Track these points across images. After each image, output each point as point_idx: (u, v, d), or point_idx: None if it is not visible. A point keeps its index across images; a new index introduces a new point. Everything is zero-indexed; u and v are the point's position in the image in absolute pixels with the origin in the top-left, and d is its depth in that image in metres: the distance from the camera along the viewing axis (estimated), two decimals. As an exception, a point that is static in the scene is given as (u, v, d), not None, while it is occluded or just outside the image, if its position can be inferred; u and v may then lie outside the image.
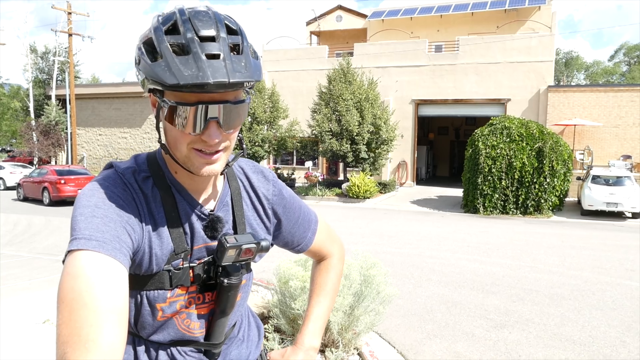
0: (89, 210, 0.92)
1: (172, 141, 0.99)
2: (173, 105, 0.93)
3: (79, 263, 0.84)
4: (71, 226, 0.92)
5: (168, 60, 0.90)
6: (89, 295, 0.81)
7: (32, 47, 39.89)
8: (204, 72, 0.89)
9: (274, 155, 22.62)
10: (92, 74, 63.55)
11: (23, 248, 9.22)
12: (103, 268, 0.84)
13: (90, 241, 0.87)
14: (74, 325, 0.78)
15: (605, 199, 14.38)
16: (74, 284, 0.82)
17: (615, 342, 4.86)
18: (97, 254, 0.86)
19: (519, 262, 8.40)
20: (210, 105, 0.93)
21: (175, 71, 0.89)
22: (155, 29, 0.95)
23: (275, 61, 25.00)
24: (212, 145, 0.97)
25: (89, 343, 0.77)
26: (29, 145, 31.91)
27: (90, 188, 0.98)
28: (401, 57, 23.24)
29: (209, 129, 0.95)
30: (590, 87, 21.77)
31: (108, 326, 0.80)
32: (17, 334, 4.54)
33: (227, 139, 1.00)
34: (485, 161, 15.22)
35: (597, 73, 51.83)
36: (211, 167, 1.00)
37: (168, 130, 1.00)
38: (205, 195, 1.11)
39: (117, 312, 0.82)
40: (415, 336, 4.96)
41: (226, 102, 0.95)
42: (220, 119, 0.95)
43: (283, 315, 4.02)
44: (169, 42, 0.92)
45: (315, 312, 1.36)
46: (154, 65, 0.92)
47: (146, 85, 0.97)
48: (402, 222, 13.22)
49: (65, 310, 0.80)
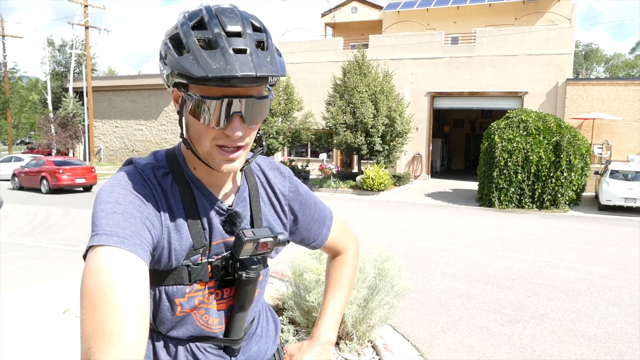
0: (110, 206, 0.94)
1: (196, 136, 1.01)
2: (198, 99, 0.95)
3: (101, 259, 0.86)
4: (92, 222, 0.93)
5: (195, 54, 0.92)
6: (112, 291, 0.82)
7: (49, 40, 40.36)
8: (232, 65, 0.90)
9: (289, 147, 22.65)
10: (108, 66, 64.16)
11: (42, 239, 9.38)
12: (125, 264, 0.86)
13: (111, 237, 0.88)
14: (97, 321, 0.80)
15: (624, 194, 14.19)
16: (97, 280, 0.83)
17: (632, 339, 4.82)
18: (118, 250, 0.87)
19: (535, 256, 8.34)
20: (235, 100, 0.95)
21: (203, 64, 0.91)
22: (182, 25, 0.97)
23: (290, 53, 24.97)
24: (235, 140, 0.99)
25: (114, 338, 0.79)
26: (47, 137, 32.33)
27: (110, 184, 1.00)
28: (417, 49, 23.06)
29: (233, 123, 0.97)
30: (610, 80, 21.40)
31: (131, 322, 0.81)
32: (37, 323, 4.64)
33: (248, 134, 1.01)
34: (501, 154, 15.09)
35: (618, 66, 50.93)
36: (231, 164, 1.01)
37: (191, 125, 1.01)
38: (223, 191, 1.13)
39: (140, 308, 0.84)
40: (429, 330, 4.96)
41: (250, 97, 0.97)
42: (243, 113, 0.97)
43: (298, 308, 4.05)
44: (196, 37, 0.94)
45: (331, 307, 1.37)
46: (182, 59, 0.93)
47: (171, 79, 0.98)
48: (416, 215, 13.19)
49: (89, 306, 0.82)
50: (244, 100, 0.96)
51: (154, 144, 32.27)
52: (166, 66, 0.98)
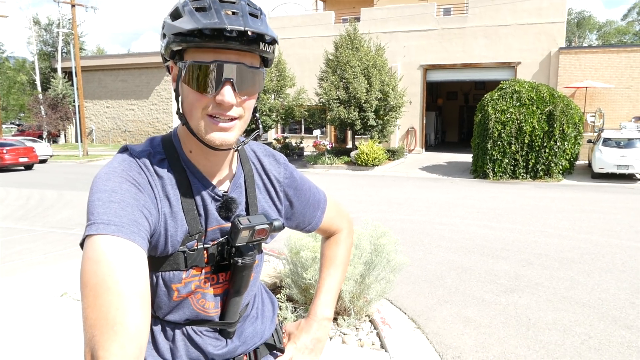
0: (106, 195, 0.93)
1: (188, 108, 1.01)
2: (191, 64, 0.96)
3: (100, 248, 0.86)
4: (88, 210, 0.93)
5: (189, 15, 0.96)
6: (112, 279, 0.82)
7: (35, 19, 39.60)
8: (222, 19, 0.94)
9: (282, 124, 22.55)
10: (97, 45, 63.17)
11: (37, 222, 9.36)
12: (123, 252, 0.86)
13: (109, 226, 0.88)
14: (99, 309, 0.80)
15: (616, 161, 14.28)
16: (97, 269, 0.83)
17: (625, 304, 4.90)
18: (116, 238, 0.87)
19: (529, 226, 8.42)
20: (225, 64, 0.96)
21: (194, 20, 0.95)
22: (179, 2, 1.01)
23: (281, 28, 24.65)
24: (226, 108, 0.99)
25: (117, 326, 0.79)
26: (38, 119, 32.04)
27: (106, 172, 0.99)
28: (409, 21, 22.82)
29: (224, 89, 0.97)
30: (602, 48, 21.32)
31: (133, 309, 0.82)
32: (35, 307, 4.66)
33: (241, 106, 1.01)
34: (495, 126, 15.09)
35: (610, 33, 50.64)
36: (223, 135, 1.00)
37: (185, 96, 1.01)
38: (219, 176, 1.12)
39: (141, 295, 0.84)
40: (425, 302, 5.02)
41: (242, 63, 0.98)
42: (234, 80, 0.98)
43: (295, 285, 4.09)
44: (192, 6, 0.98)
45: (327, 284, 1.38)
46: (178, 22, 0.97)
47: (168, 50, 1.00)
48: (411, 189, 13.23)
49: (90, 295, 0.82)
50: (235, 65, 0.97)
51: (146, 124, 32.04)
52: (164, 39, 1.00)
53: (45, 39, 40.99)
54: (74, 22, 27.18)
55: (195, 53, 0.97)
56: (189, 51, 0.98)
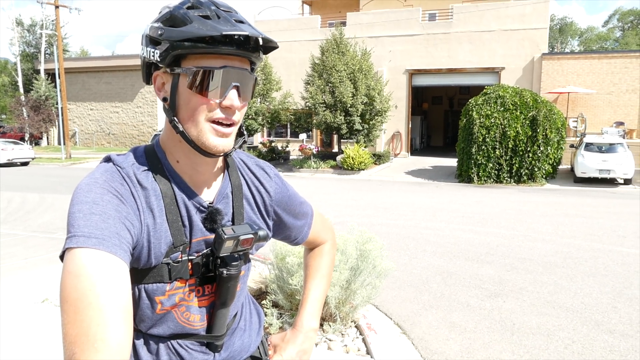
0: (87, 207, 0.91)
1: (189, 114, 1.00)
2: (198, 70, 0.96)
3: (80, 261, 0.83)
4: (68, 222, 0.90)
5: (201, 21, 0.96)
6: (93, 294, 0.81)
7: (17, 19, 39.08)
8: (239, 27, 0.96)
9: (268, 128, 22.51)
10: (81, 46, 62.54)
11: (18, 226, 9.21)
12: (105, 266, 0.84)
13: (89, 239, 0.86)
14: (80, 325, 0.78)
15: (598, 165, 14.49)
16: (77, 283, 0.81)
17: (607, 308, 4.95)
18: (97, 252, 0.85)
19: (513, 231, 8.49)
20: (234, 69, 0.99)
21: (211, 27, 0.95)
22: (176, 8, 1.00)
23: (267, 32, 24.47)
24: (232, 112, 1.01)
25: (98, 342, 0.77)
26: (20, 121, 31.57)
27: (87, 183, 0.97)
28: (394, 26, 22.95)
29: (231, 94, 1.00)
30: (584, 54, 21.66)
31: (115, 324, 0.80)
32: (16, 313, 4.57)
33: (240, 110, 1.04)
34: (480, 131, 15.23)
35: (591, 39, 51.49)
36: (225, 141, 1.02)
37: (186, 102, 1.00)
38: (205, 187, 1.11)
39: (122, 310, 0.82)
40: (411, 307, 5.03)
41: (245, 69, 1.01)
42: (241, 85, 1.01)
43: (281, 291, 4.06)
44: (195, 14, 0.98)
45: (312, 295, 1.38)
46: (186, 28, 0.96)
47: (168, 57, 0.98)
48: (397, 194, 13.28)
49: (70, 310, 0.80)
50: (241, 71, 1.00)
51: (130, 127, 31.75)
52: (159, 45, 0.98)
53: (28, 40, 40.45)
54: (57, 23, 26.87)
55: (201, 59, 0.97)
56: (189, 57, 0.98)
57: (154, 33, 1.00)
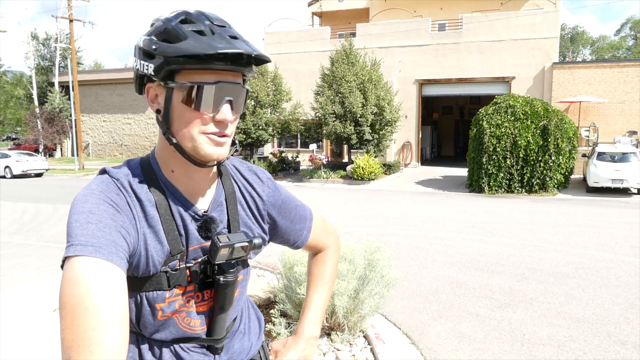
0: (84, 216, 0.94)
1: (183, 127, 1.02)
2: (192, 86, 0.98)
3: (77, 269, 0.86)
4: (67, 232, 0.93)
5: (195, 38, 0.96)
6: (90, 300, 0.83)
7: (33, 34, 39.78)
8: (234, 45, 0.96)
9: (278, 138, 22.59)
10: (94, 59, 63.38)
11: (31, 236, 9.32)
12: (101, 272, 0.86)
13: (86, 247, 0.88)
14: (77, 330, 0.81)
15: (611, 175, 14.34)
16: (74, 290, 0.84)
17: (619, 319, 4.89)
18: (94, 259, 0.87)
19: (524, 241, 8.42)
20: (228, 84, 1.00)
21: (206, 44, 0.95)
22: (168, 21, 1.00)
23: (277, 43, 24.82)
24: (226, 126, 1.02)
25: (93, 346, 0.80)
26: (34, 133, 32.01)
27: (84, 194, 0.99)
28: (404, 36, 23.01)
29: (224, 108, 1.01)
30: (596, 63, 21.52)
31: (110, 329, 0.82)
32: (27, 322, 4.63)
33: (232, 123, 1.05)
34: (490, 140, 15.16)
35: (603, 48, 51.18)
36: (220, 149, 1.04)
37: (178, 117, 1.02)
38: (200, 195, 1.13)
39: (118, 315, 0.85)
40: (420, 317, 5.01)
41: (237, 83, 1.03)
42: (234, 100, 1.02)
43: (289, 300, 4.07)
44: (188, 29, 0.98)
45: (314, 302, 1.39)
46: (181, 44, 0.96)
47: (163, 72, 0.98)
48: (407, 204, 13.24)
49: (68, 316, 0.83)
50: (234, 86, 1.02)
51: (142, 138, 32.05)
52: (153, 60, 0.99)
53: (43, 54, 41.13)
54: (71, 37, 27.31)
55: (194, 74, 0.98)
56: (183, 72, 0.99)
57: (147, 46, 1.00)
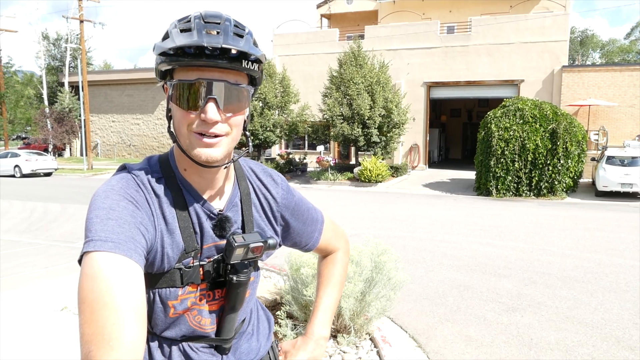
0: (104, 212, 0.95)
1: (177, 124, 1.04)
2: (175, 83, 1.00)
3: (97, 264, 0.87)
4: (86, 227, 0.94)
5: (173, 35, 1.00)
6: (109, 295, 0.84)
7: (44, 34, 40.12)
8: (201, 38, 0.97)
9: (286, 140, 22.63)
10: (104, 60, 63.76)
11: (40, 235, 9.38)
12: (120, 268, 0.87)
13: (106, 242, 0.89)
14: (96, 325, 0.81)
15: (620, 179, 14.24)
16: (94, 285, 0.85)
17: (628, 324, 4.85)
18: (113, 255, 0.88)
19: (532, 245, 8.38)
20: (208, 82, 0.99)
21: (176, 39, 0.98)
22: (170, 25, 1.04)
23: (286, 45, 24.87)
24: (210, 125, 1.00)
25: (113, 341, 0.80)
26: (44, 132, 32.24)
27: (104, 190, 1.01)
28: (412, 39, 22.98)
29: (207, 107, 0.99)
30: (605, 67, 21.39)
31: (129, 324, 0.83)
32: (36, 321, 4.66)
33: (227, 122, 1.03)
34: (498, 143, 15.10)
35: (613, 51, 50.86)
36: (209, 150, 1.01)
37: (174, 114, 1.04)
38: (215, 194, 1.14)
39: (137, 311, 0.85)
40: (427, 320, 4.99)
41: (225, 81, 1.00)
42: (218, 98, 0.99)
43: (295, 302, 4.07)
44: (178, 27, 1.01)
45: (324, 303, 1.39)
46: (163, 42, 1.01)
47: (158, 69, 1.04)
48: (414, 206, 13.21)
49: (87, 311, 0.83)
50: (218, 83, 0.99)
51: (150, 138, 32.20)
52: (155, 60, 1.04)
53: (54, 54, 41.46)
54: (82, 37, 27.50)
55: (182, 72, 1.00)
56: (177, 71, 1.01)
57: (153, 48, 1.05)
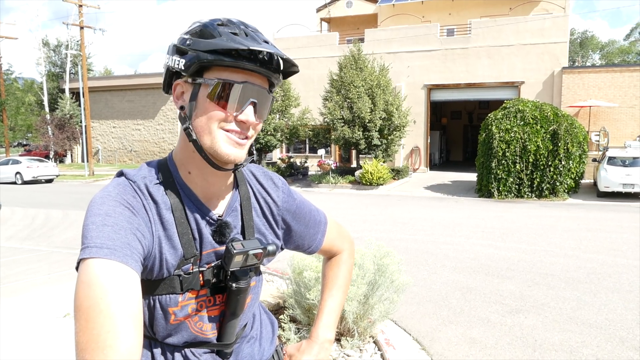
0: (100, 218, 0.94)
1: (205, 122, 1.02)
2: (219, 82, 0.99)
3: (93, 271, 0.86)
4: (82, 234, 0.94)
5: (229, 36, 0.99)
6: (104, 302, 0.83)
7: (44, 40, 40.29)
8: (265, 46, 0.99)
9: (287, 143, 22.63)
10: (105, 66, 63.94)
11: (41, 242, 9.37)
12: (116, 275, 0.86)
13: (102, 249, 0.89)
14: (91, 332, 0.80)
15: (622, 180, 14.22)
16: (89, 292, 0.84)
17: (632, 325, 4.84)
18: (109, 262, 0.87)
19: (534, 246, 8.36)
20: (254, 86, 1.02)
21: (240, 42, 0.98)
22: (207, 23, 1.03)
23: (286, 49, 24.90)
24: (247, 127, 1.03)
25: (107, 349, 0.79)
26: (45, 139, 32.26)
27: (101, 196, 1.00)
28: (412, 42, 23.01)
29: (247, 109, 1.02)
30: (606, 68, 21.39)
31: (124, 331, 0.82)
32: (38, 328, 4.65)
33: (254, 127, 1.05)
34: (499, 145, 15.09)
35: (613, 53, 50.90)
36: (238, 150, 1.03)
37: (203, 111, 1.02)
38: (215, 199, 1.13)
39: (133, 317, 0.84)
40: (430, 323, 4.98)
41: (264, 88, 1.04)
42: (258, 102, 1.03)
43: (298, 306, 4.06)
44: (226, 29, 1.01)
45: (329, 306, 1.38)
46: (216, 40, 0.99)
47: (193, 67, 1.00)
48: (415, 208, 13.20)
49: (82, 318, 0.82)
50: (261, 89, 1.03)
51: (152, 144, 32.23)
52: (185, 55, 1.01)
53: (54, 60, 41.59)
54: (82, 43, 27.57)
55: (223, 72, 1.00)
56: (213, 69, 1.01)
57: (181, 43, 1.03)
